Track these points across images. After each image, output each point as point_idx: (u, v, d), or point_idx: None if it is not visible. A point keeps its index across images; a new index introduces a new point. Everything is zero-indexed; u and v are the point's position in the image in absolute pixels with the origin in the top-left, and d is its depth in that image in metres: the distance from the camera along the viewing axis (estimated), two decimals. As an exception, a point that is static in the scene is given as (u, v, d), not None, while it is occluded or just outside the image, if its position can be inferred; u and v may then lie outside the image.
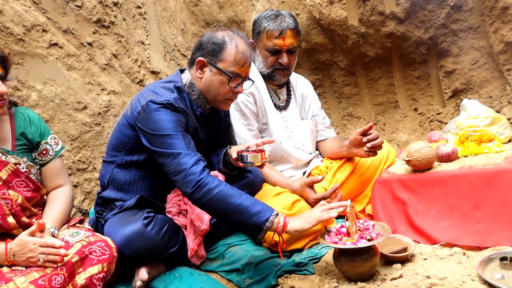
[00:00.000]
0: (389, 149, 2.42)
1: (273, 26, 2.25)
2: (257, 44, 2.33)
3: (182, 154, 1.69)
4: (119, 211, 1.90)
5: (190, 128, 1.90)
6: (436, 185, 2.04)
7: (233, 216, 1.64)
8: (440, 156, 2.18)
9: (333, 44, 3.30)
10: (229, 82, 1.86)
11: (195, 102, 1.94)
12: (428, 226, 1.98)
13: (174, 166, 1.69)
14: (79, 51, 2.54)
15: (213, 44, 1.85)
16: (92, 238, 1.67)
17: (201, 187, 1.63)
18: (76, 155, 2.47)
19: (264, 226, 1.64)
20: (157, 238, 1.79)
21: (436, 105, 3.29)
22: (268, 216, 1.64)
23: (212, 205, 1.64)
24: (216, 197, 1.63)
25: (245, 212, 1.63)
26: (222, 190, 1.63)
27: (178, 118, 1.79)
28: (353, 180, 2.32)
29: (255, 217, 1.63)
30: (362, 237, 1.72)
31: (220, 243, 2.10)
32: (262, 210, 1.64)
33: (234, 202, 1.62)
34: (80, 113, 2.49)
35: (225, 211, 1.64)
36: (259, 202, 1.67)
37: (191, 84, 1.92)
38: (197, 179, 1.64)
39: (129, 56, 2.85)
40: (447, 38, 3.03)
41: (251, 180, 2.12)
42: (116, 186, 1.96)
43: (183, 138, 1.73)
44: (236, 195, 1.64)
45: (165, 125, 1.74)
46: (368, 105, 3.51)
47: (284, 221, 1.66)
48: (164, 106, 1.78)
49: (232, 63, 1.84)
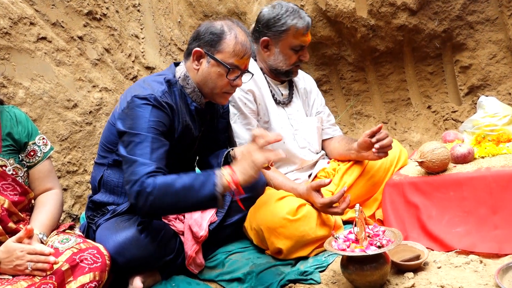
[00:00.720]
0: (401, 150, 2.42)
1: (300, 23, 2.27)
2: (276, 42, 2.32)
3: (138, 163, 1.66)
4: (111, 216, 1.90)
5: (178, 126, 1.90)
6: (451, 188, 2.04)
7: (184, 201, 1.62)
8: (455, 157, 2.18)
9: (340, 37, 3.30)
10: (228, 74, 1.87)
11: (189, 96, 1.95)
12: (443, 232, 1.98)
13: (128, 175, 1.67)
14: (69, 45, 2.55)
15: (211, 34, 1.87)
16: (83, 245, 1.67)
17: (141, 193, 1.61)
18: (65, 157, 2.48)
19: (216, 192, 1.61)
20: (153, 245, 1.80)
21: (451, 103, 3.29)
22: (213, 181, 1.61)
23: (159, 204, 1.62)
24: (157, 195, 1.61)
25: (192, 191, 1.61)
26: (158, 185, 1.61)
27: (159, 118, 1.78)
28: (362, 183, 2.32)
29: (203, 189, 1.61)
30: (371, 243, 1.72)
31: (220, 251, 2.11)
32: (205, 180, 1.62)
33: (176, 189, 1.60)
34: (70, 112, 2.50)
35: (174, 202, 1.62)
36: (200, 174, 1.66)
37: (185, 77, 1.93)
38: (138, 190, 1.62)
39: (122, 50, 2.86)
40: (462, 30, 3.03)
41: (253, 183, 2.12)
42: (108, 188, 1.97)
43: (151, 142, 1.71)
44: (174, 181, 1.62)
45: (141, 124, 1.73)
46: (378, 102, 3.51)
47: (233, 178, 1.62)
48: (148, 101, 1.77)
49: (231, 54, 1.85)
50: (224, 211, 2.04)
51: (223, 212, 2.04)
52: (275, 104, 2.39)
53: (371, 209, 2.32)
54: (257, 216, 2.03)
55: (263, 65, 2.42)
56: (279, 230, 1.95)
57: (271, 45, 2.34)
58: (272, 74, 2.43)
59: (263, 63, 2.40)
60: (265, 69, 2.42)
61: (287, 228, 1.94)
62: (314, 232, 1.98)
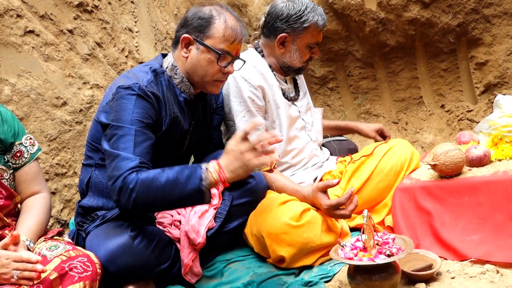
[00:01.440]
0: (412, 152, 2.42)
1: (320, 20, 2.34)
2: (294, 39, 2.35)
3: (120, 157, 1.69)
4: (101, 222, 1.91)
5: (165, 118, 1.91)
6: (465, 193, 2.04)
7: (169, 196, 1.64)
8: (471, 160, 2.18)
9: (348, 31, 3.31)
10: (218, 60, 1.89)
11: (178, 87, 1.97)
12: (457, 240, 1.98)
13: (110, 170, 1.70)
14: (58, 39, 2.56)
15: (200, 19, 1.89)
16: (73, 252, 1.68)
17: (124, 190, 1.64)
18: (54, 158, 2.49)
19: (203, 187, 1.63)
20: (146, 252, 1.80)
21: (466, 102, 3.29)
22: (199, 174, 1.64)
23: (142, 201, 1.65)
24: (139, 191, 1.63)
25: (177, 185, 1.63)
26: (141, 180, 1.63)
27: (143, 109, 1.80)
28: (370, 187, 2.32)
29: (189, 184, 1.63)
30: (380, 252, 1.72)
31: (218, 259, 2.11)
32: (191, 173, 1.65)
33: (160, 183, 1.63)
34: (59, 110, 2.51)
35: (159, 197, 1.65)
36: (184, 167, 1.68)
37: (173, 66, 1.96)
38: (120, 185, 1.65)
39: (115, 45, 2.87)
40: (478, 24, 3.03)
41: (253, 186, 2.13)
42: (97, 191, 1.98)
43: (135, 135, 1.74)
44: (157, 175, 1.64)
45: (125, 116, 1.76)
46: (388, 101, 3.51)
47: (219, 171, 1.65)
48: (132, 90, 1.80)
49: (221, 39, 1.88)
50: (222, 216, 2.04)
51: (221, 218, 2.04)
52: (286, 101, 2.42)
53: (380, 215, 2.32)
54: (258, 222, 2.03)
55: (272, 61, 2.43)
56: (281, 237, 1.95)
57: (288, 42, 2.36)
58: (281, 71, 2.45)
59: (274, 58, 2.42)
60: (274, 65, 2.44)
61: (290, 235, 1.95)
62: (319, 239, 1.98)
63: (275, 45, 2.38)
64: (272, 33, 2.38)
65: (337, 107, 3.64)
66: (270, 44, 2.41)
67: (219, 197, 2.05)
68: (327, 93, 3.64)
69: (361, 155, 2.41)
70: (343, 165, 2.48)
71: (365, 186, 2.32)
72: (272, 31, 2.37)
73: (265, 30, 2.42)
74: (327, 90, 3.63)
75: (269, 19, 2.38)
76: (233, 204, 2.08)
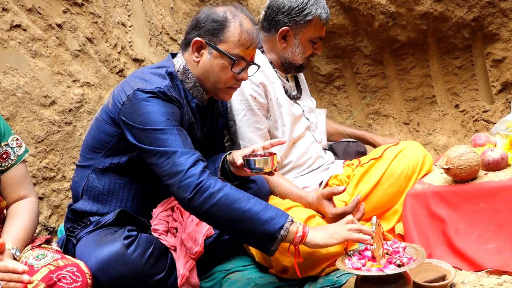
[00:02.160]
0: (425, 155, 2.42)
1: (324, 13, 2.37)
2: (296, 33, 2.39)
3: (178, 153, 1.70)
4: (94, 228, 1.91)
5: (185, 122, 1.92)
6: (481, 199, 2.04)
7: (241, 224, 1.66)
8: (487, 164, 2.18)
9: (355, 26, 3.31)
10: (232, 66, 1.89)
11: (189, 92, 1.97)
12: (472, 249, 1.98)
13: (169, 167, 1.70)
14: (46, 34, 2.57)
15: (213, 21, 1.88)
16: (62, 261, 1.68)
17: (202, 191, 1.65)
18: (42, 161, 2.49)
19: (279, 235, 1.66)
20: (141, 262, 1.80)
21: (482, 101, 3.29)
22: (283, 222, 1.67)
23: (216, 212, 1.66)
24: (220, 202, 1.65)
25: (255, 219, 1.65)
26: (227, 193, 1.66)
27: (172, 110, 1.81)
28: (379, 193, 2.32)
29: (268, 224, 1.65)
30: (390, 262, 1.72)
31: (217, 269, 2.11)
32: (275, 216, 1.67)
33: (242, 208, 1.65)
34: (47, 110, 2.52)
35: (231, 218, 1.66)
36: (272, 207, 1.70)
37: (185, 70, 1.95)
38: (197, 182, 1.66)
39: (106, 40, 2.87)
40: (495, 19, 3.03)
41: (255, 191, 2.13)
42: (92, 196, 1.98)
43: (178, 133, 1.76)
44: (244, 199, 1.66)
45: (157, 118, 1.76)
46: (399, 100, 3.51)
47: (304, 231, 1.69)
48: (155, 95, 1.80)
49: (236, 44, 1.87)
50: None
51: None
52: (288, 100, 2.43)
53: (390, 223, 2.32)
54: (260, 229, 2.03)
55: (273, 57, 2.45)
56: (284, 245, 1.95)
57: (290, 36, 2.39)
58: (282, 68, 2.47)
59: (275, 54, 2.44)
60: (275, 62, 2.45)
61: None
62: (324, 248, 1.98)
63: (276, 39, 2.40)
64: (273, 27, 2.39)
65: (344, 107, 3.64)
66: (271, 39, 2.42)
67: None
68: (333, 92, 3.64)
69: (370, 158, 2.42)
70: (351, 168, 2.48)
71: (374, 191, 2.32)
72: (273, 25, 2.39)
73: (265, 24, 2.43)
74: (333, 89, 3.63)
75: (269, 13, 2.39)
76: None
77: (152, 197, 2.03)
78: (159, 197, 2.06)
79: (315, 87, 3.62)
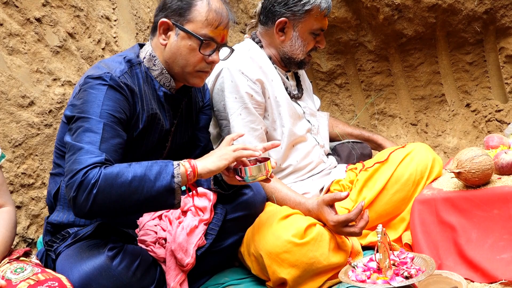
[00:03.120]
0: (434, 158, 2.43)
1: (324, 3, 2.38)
2: (295, 24, 2.40)
3: (83, 150, 1.70)
4: (73, 241, 1.91)
5: (142, 114, 1.93)
6: (495, 205, 2.05)
7: (135, 195, 1.67)
8: (500, 167, 2.19)
9: (359, 19, 3.33)
10: (200, 47, 1.91)
11: (156, 80, 1.99)
12: (485, 259, 1.99)
13: (69, 164, 1.70)
14: (24, 29, 2.57)
15: (179, 0, 1.92)
16: (42, 275, 1.67)
17: (84, 187, 1.64)
18: (19, 166, 2.49)
19: (174, 184, 1.68)
20: (127, 275, 1.80)
21: (494, 100, 3.31)
22: (171, 170, 1.69)
23: (103, 199, 1.65)
24: (102, 187, 1.64)
25: (145, 182, 1.67)
26: (104, 175, 1.65)
27: (116, 102, 1.82)
28: (385, 199, 2.33)
29: (159, 180, 1.68)
30: (397, 273, 1.73)
31: (210, 283, 2.11)
32: (161, 169, 1.69)
33: (126, 179, 1.66)
34: (25, 111, 2.51)
35: (122, 196, 1.66)
36: (154, 162, 1.72)
37: (151, 57, 1.98)
38: (80, 180, 1.64)
39: (89, 35, 2.88)
40: (508, 11, 3.05)
41: (250, 198, 2.13)
42: (66, 204, 1.97)
43: (103, 129, 1.76)
44: (123, 171, 1.67)
45: (93, 108, 1.78)
46: (406, 99, 3.53)
47: (191, 165, 1.73)
48: (102, 80, 1.82)
49: (204, 23, 1.90)
50: (215, 233, 2.04)
51: (213, 234, 2.04)
52: (289, 99, 2.44)
53: (397, 231, 2.32)
54: (256, 239, 2.04)
55: (272, 52, 2.46)
56: (283, 256, 1.95)
57: (288, 28, 2.41)
58: (282, 64, 2.48)
59: (275, 49, 2.46)
60: (274, 57, 2.46)
61: (293, 254, 1.95)
62: (326, 259, 1.99)
63: (274, 32, 2.41)
64: (270, 19, 2.41)
65: (346, 106, 3.65)
66: (269, 32, 2.44)
67: (210, 211, 2.06)
68: (335, 91, 3.65)
69: (375, 162, 2.42)
70: (354, 173, 2.48)
71: (379, 197, 2.32)
72: (270, 17, 2.41)
73: (262, 17, 2.44)
74: (335, 87, 3.64)
75: (266, 4, 2.41)
76: (227, 218, 2.08)
77: None
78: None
79: (315, 85, 3.63)
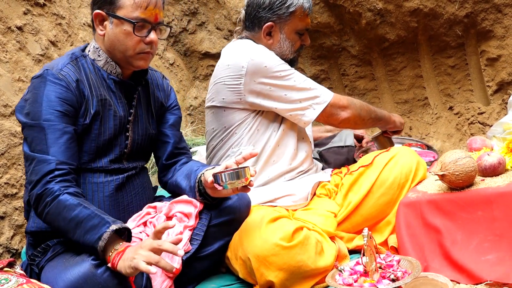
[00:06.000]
0: (418, 161, 2.44)
1: (306, 3, 2.45)
2: (281, 27, 2.47)
3: (36, 160, 1.81)
4: (53, 254, 1.90)
5: (92, 99, 1.97)
6: (479, 207, 2.06)
7: (69, 233, 1.76)
8: (483, 169, 2.20)
9: (341, 24, 3.34)
10: (135, 30, 1.97)
11: (104, 69, 2.05)
12: (470, 261, 2.00)
13: (28, 175, 1.84)
14: (5, 37, 2.55)
15: None
16: (27, 286, 1.66)
17: (42, 200, 1.77)
18: (2, 176, 2.47)
19: (97, 246, 1.70)
20: (113, 282, 1.78)
21: (477, 103, 3.33)
22: (102, 232, 1.71)
23: (51, 221, 1.80)
24: (52, 210, 1.76)
25: (79, 228, 1.74)
26: (59, 201, 1.75)
27: (56, 95, 1.88)
28: (371, 203, 2.33)
29: (88, 234, 1.72)
30: (384, 276, 1.73)
31: (197, 289, 2.10)
32: (97, 224, 1.73)
33: (68, 216, 1.74)
34: (7, 120, 2.49)
35: (61, 228, 1.78)
36: (100, 214, 1.75)
37: (95, 48, 2.05)
38: (39, 192, 1.77)
39: (72, 43, 2.87)
40: (489, 15, 3.08)
41: (234, 203, 2.12)
42: None
43: (47, 132, 1.84)
44: (73, 207, 1.75)
45: (37, 110, 1.86)
46: (389, 103, 3.55)
47: (113, 260, 1.70)
48: (42, 77, 1.90)
49: (133, 6, 1.96)
50: (200, 238, 2.04)
51: (199, 240, 2.03)
52: None
53: (383, 235, 2.33)
54: (244, 243, 2.03)
55: None
56: (270, 259, 1.95)
57: (275, 31, 2.47)
58: None
59: None
60: None
61: (281, 257, 1.95)
62: (313, 263, 1.99)
63: (261, 37, 2.45)
64: (256, 25, 2.45)
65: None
66: (256, 36, 2.48)
67: (196, 217, 2.05)
68: (319, 96, 3.66)
69: (359, 165, 2.43)
70: (339, 177, 2.49)
71: (365, 201, 2.33)
72: (256, 23, 2.44)
73: (247, 23, 2.47)
74: (319, 92, 3.65)
75: (250, 10, 2.44)
76: (211, 224, 2.07)
77: (115, 210, 2.03)
78: (127, 210, 2.07)
79: (300, 90, 3.63)
